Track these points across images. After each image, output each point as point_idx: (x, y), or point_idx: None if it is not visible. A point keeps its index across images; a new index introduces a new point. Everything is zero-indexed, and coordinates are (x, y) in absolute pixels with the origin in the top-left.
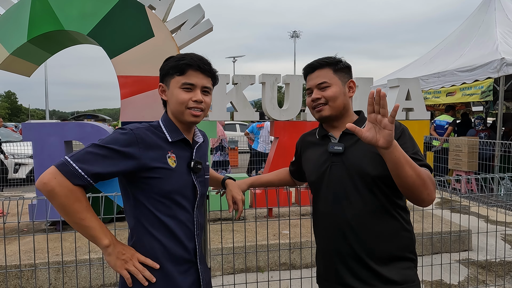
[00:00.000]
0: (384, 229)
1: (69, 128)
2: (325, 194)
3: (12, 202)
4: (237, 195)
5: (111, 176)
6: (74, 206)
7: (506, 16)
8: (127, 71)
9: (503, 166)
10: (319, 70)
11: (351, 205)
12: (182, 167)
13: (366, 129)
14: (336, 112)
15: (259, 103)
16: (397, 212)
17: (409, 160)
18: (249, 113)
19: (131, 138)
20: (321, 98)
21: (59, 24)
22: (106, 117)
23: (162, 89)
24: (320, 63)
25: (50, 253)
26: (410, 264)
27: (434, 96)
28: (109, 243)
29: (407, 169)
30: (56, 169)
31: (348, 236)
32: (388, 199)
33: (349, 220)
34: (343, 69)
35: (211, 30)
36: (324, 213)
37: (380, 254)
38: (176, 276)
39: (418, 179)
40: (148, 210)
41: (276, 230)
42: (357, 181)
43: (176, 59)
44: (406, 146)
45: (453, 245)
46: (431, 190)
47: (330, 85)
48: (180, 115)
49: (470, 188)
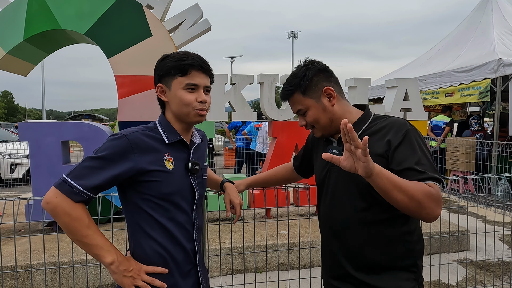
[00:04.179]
0: (376, 237)
1: (66, 128)
2: (324, 196)
3: (8, 202)
4: (235, 199)
5: (110, 184)
6: (75, 224)
7: (503, 17)
8: (125, 71)
9: (500, 166)
10: (290, 99)
11: (344, 210)
12: (179, 169)
13: (344, 158)
14: (327, 130)
15: (257, 103)
16: (394, 220)
17: (398, 184)
18: (247, 113)
19: (125, 144)
20: (306, 124)
21: (56, 23)
22: (103, 117)
23: (161, 90)
24: (287, 93)
25: (46, 254)
26: (408, 275)
27: (433, 97)
28: (112, 260)
29: (396, 194)
30: (56, 189)
31: (339, 240)
32: (381, 208)
33: (340, 225)
34: (310, 83)
35: (209, 30)
36: (322, 214)
37: (369, 263)
38: (177, 278)
39: (411, 202)
40: (146, 213)
41: (274, 230)
42: (351, 186)
43: (176, 59)
44: (406, 156)
45: (451, 246)
46: (431, 209)
47: (306, 109)
48: (185, 116)
49: (467, 189)
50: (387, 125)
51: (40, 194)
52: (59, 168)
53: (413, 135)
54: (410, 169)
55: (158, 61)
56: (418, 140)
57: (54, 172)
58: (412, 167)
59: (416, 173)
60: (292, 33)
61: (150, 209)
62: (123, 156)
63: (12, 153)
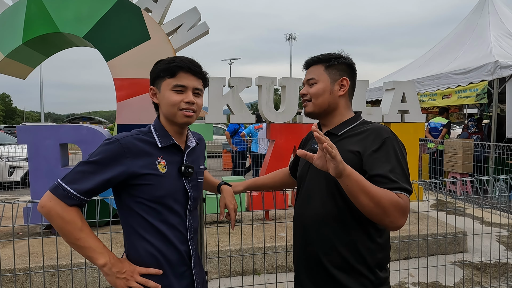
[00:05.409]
0: (341, 236)
1: (65, 131)
2: (301, 193)
3: (6, 206)
4: (230, 204)
5: (103, 188)
6: (68, 227)
7: (499, 19)
8: (123, 74)
9: (497, 168)
10: (313, 66)
11: (313, 206)
12: (172, 172)
13: (317, 156)
14: (318, 109)
15: (255, 105)
16: (359, 222)
17: (367, 189)
18: (245, 116)
19: (118, 149)
20: (307, 94)
21: (55, 26)
22: (101, 120)
23: (153, 92)
24: (313, 60)
25: (45, 257)
26: (364, 281)
27: (430, 99)
28: (105, 262)
29: (362, 198)
30: (50, 193)
31: (307, 236)
32: (349, 208)
33: (309, 221)
34: (337, 66)
35: (208, 33)
36: (296, 212)
37: (336, 260)
38: (171, 278)
39: (376, 208)
40: (139, 216)
41: (272, 232)
42: (322, 183)
43: (167, 61)
44: (381, 163)
45: (448, 247)
46: (395, 217)
47: (317, 81)
48: (172, 117)
49: (465, 190)
50: (370, 129)
51: (39, 197)
52: (58, 171)
53: (392, 144)
54: (382, 176)
55: (153, 65)
56: (396, 149)
57: (52, 175)
58: (384, 174)
59: (388, 181)
60: (290, 35)
61: (143, 212)
62: (115, 160)
63: (10, 156)
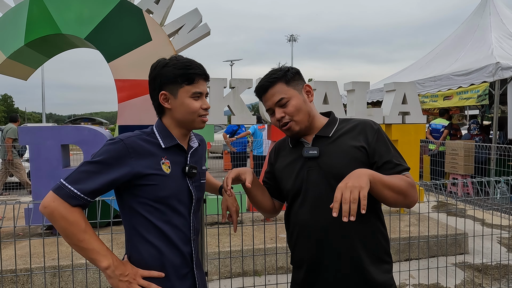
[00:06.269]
0: (364, 231)
1: (66, 132)
2: (303, 201)
3: (8, 206)
4: (232, 206)
5: (107, 189)
6: (71, 229)
7: (500, 20)
8: (124, 75)
9: (498, 169)
10: (272, 88)
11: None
12: (177, 173)
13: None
14: (304, 124)
15: (256, 106)
16: (375, 213)
17: (386, 183)
18: (246, 117)
19: (122, 149)
20: (284, 116)
21: (57, 28)
22: (103, 121)
23: (165, 98)
24: (270, 81)
25: (46, 258)
26: (388, 266)
27: (431, 100)
28: (108, 265)
29: (386, 193)
30: (53, 194)
31: (327, 244)
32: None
33: (327, 227)
34: (294, 77)
35: (209, 34)
36: (304, 220)
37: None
38: (173, 281)
39: (398, 196)
40: (142, 217)
41: (273, 233)
42: (334, 184)
43: (181, 67)
44: (383, 151)
45: (449, 248)
46: (413, 196)
47: (289, 98)
48: (190, 123)
49: (466, 192)
50: (359, 124)
51: (40, 198)
52: (59, 171)
53: (382, 132)
54: (389, 162)
55: (158, 67)
56: (386, 136)
57: (54, 175)
58: (390, 160)
59: (394, 165)
60: (291, 37)
61: (146, 213)
62: (120, 160)
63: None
